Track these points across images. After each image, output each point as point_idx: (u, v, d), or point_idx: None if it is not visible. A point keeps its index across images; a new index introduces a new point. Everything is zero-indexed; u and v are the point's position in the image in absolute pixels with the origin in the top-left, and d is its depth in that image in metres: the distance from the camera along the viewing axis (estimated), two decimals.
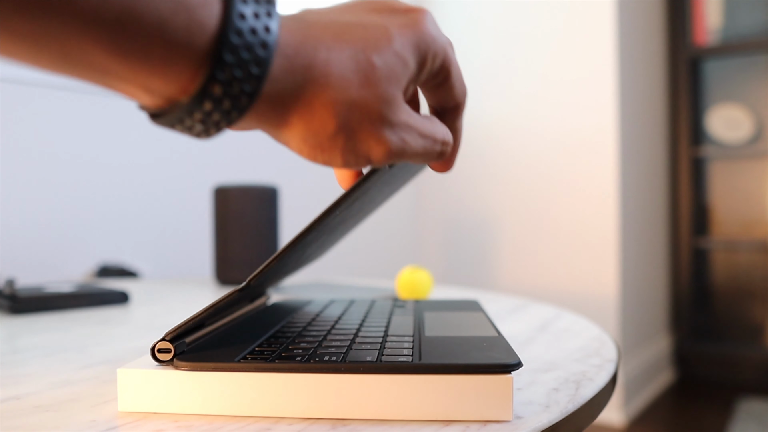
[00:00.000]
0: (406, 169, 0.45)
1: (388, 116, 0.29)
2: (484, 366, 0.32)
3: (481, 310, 0.50)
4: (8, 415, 0.34)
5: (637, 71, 2.29)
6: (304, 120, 0.28)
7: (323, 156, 0.29)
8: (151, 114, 0.27)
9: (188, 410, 0.34)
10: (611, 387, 0.44)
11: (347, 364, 0.33)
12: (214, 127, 0.26)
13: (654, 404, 2.25)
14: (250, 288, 0.36)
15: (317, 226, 0.35)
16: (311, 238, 0.38)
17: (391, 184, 0.46)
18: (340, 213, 0.37)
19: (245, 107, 0.26)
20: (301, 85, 0.27)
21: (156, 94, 0.25)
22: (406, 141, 0.30)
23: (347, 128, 0.28)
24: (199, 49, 0.24)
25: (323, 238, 0.43)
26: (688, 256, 2.58)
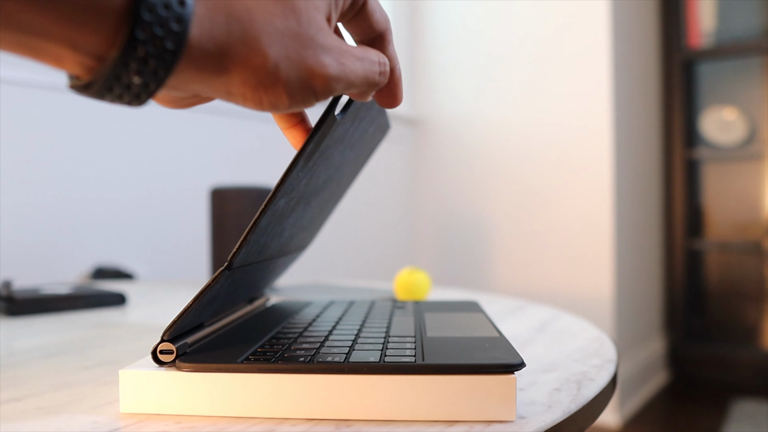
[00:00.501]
0: (365, 127, 0.45)
1: (319, 40, 0.29)
2: (488, 366, 0.32)
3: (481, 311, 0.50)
4: (10, 418, 0.34)
5: (631, 74, 2.30)
6: (239, 60, 0.27)
7: (268, 96, 0.29)
8: (80, 86, 0.26)
9: (191, 411, 0.34)
10: (612, 387, 0.44)
11: (351, 365, 0.33)
12: (144, 90, 0.26)
13: (648, 405, 2.26)
14: (233, 270, 0.36)
15: (283, 188, 0.35)
16: (283, 207, 0.37)
17: (355, 146, 0.46)
18: (304, 175, 0.37)
19: (171, 64, 0.25)
20: (227, 27, 0.27)
21: (83, 50, 0.24)
22: (344, 64, 0.30)
23: (283, 58, 0.28)
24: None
25: (300, 211, 0.42)
26: (682, 257, 2.59)
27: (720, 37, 2.56)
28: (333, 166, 0.43)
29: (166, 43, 0.24)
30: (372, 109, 0.44)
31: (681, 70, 2.58)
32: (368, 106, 0.42)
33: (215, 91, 0.28)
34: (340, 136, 0.40)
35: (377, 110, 0.46)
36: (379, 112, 0.47)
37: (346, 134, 0.41)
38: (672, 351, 2.61)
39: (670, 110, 2.63)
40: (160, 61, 0.25)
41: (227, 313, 0.47)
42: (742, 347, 2.52)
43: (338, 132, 0.39)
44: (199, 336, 0.39)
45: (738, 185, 2.62)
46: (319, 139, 0.36)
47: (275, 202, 0.35)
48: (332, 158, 0.42)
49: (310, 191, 0.41)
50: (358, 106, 0.40)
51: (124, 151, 1.54)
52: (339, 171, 0.46)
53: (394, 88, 0.36)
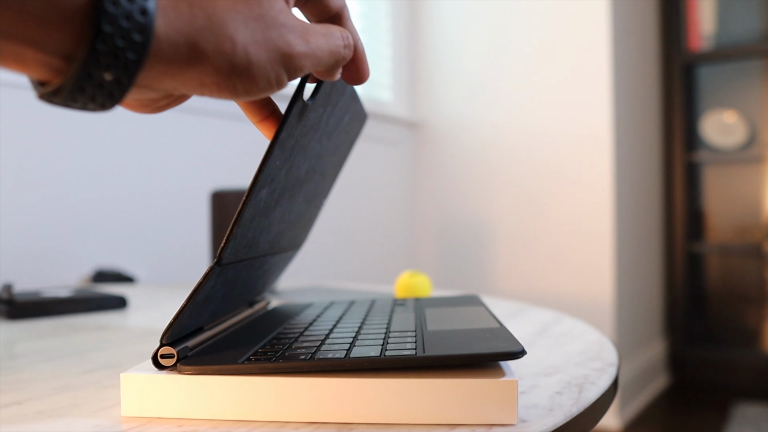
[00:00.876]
0: (340, 115, 0.44)
1: (281, 20, 0.30)
2: (489, 355, 0.32)
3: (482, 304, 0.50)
4: (11, 421, 0.34)
5: (632, 77, 2.31)
6: (208, 47, 0.27)
7: (241, 81, 0.29)
8: (50, 92, 0.25)
9: (192, 415, 0.34)
10: (613, 390, 0.44)
11: (351, 360, 0.33)
12: (117, 88, 0.25)
13: (649, 409, 2.25)
14: (224, 266, 0.36)
15: (262, 177, 0.35)
16: (266, 198, 0.37)
17: (332, 135, 0.45)
18: (282, 164, 0.37)
19: (141, 56, 0.25)
20: (192, 17, 0.26)
21: (48, 49, 0.24)
22: (309, 41, 0.31)
23: (250, 42, 0.28)
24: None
25: (285, 204, 0.42)
26: (682, 260, 2.59)
27: (720, 40, 2.56)
28: (312, 155, 0.43)
29: (134, 35, 0.24)
30: (343, 96, 0.44)
31: (681, 73, 2.58)
32: (339, 91, 0.42)
33: (188, 83, 0.28)
34: (314, 124, 0.40)
35: (349, 97, 0.46)
36: (353, 99, 0.47)
37: (321, 121, 0.41)
38: (672, 354, 2.61)
39: (670, 113, 2.64)
40: (130, 54, 0.24)
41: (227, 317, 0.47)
42: (742, 350, 2.52)
43: (311, 119, 0.39)
44: (199, 340, 0.39)
45: (738, 188, 2.62)
46: (291, 125, 0.36)
47: (256, 192, 0.35)
48: (310, 147, 0.41)
49: (293, 183, 0.41)
50: (327, 91, 0.40)
51: (125, 154, 1.54)
52: (320, 162, 0.46)
53: (359, 63, 0.36)
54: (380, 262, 2.35)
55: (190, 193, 1.68)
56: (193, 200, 1.68)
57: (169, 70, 0.27)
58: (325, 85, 0.39)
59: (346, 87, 0.43)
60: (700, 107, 2.68)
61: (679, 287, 2.60)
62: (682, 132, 2.58)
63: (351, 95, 0.46)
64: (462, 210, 2.42)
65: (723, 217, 2.65)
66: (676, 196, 2.60)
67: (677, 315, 2.60)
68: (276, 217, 0.42)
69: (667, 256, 2.72)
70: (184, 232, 1.66)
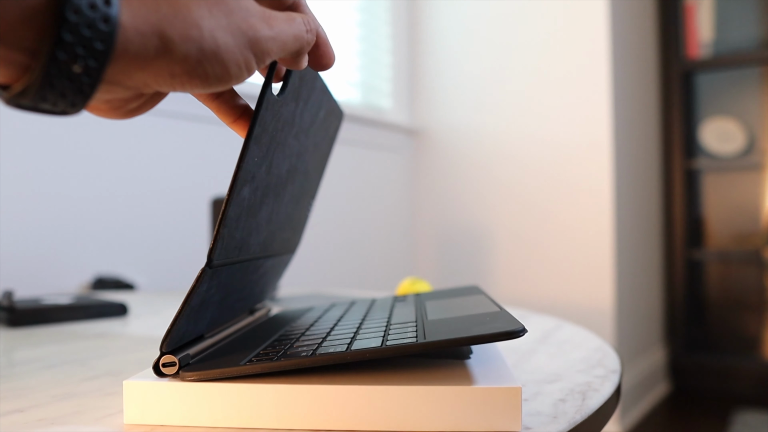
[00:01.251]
0: (314, 111, 0.45)
1: (244, 5, 0.30)
2: (489, 336, 0.32)
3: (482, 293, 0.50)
4: (13, 428, 0.34)
5: (631, 85, 2.31)
6: (176, 35, 0.27)
7: (212, 67, 0.29)
8: (17, 93, 0.25)
9: (195, 423, 0.34)
10: (616, 398, 0.44)
11: (353, 352, 0.33)
12: (88, 81, 0.25)
13: (649, 416, 2.25)
14: (214, 267, 0.36)
15: (241, 175, 0.35)
16: (250, 197, 0.37)
17: (309, 132, 0.46)
18: (261, 161, 0.37)
19: (110, 45, 0.25)
20: (156, 6, 0.26)
21: (12, 44, 0.23)
22: (274, 26, 0.31)
23: (216, 27, 0.28)
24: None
25: (271, 204, 0.42)
26: (682, 267, 2.59)
27: (718, 47, 2.57)
28: (292, 153, 0.43)
29: (100, 24, 0.24)
30: (314, 90, 0.44)
31: (680, 80, 2.59)
32: (308, 85, 0.42)
33: (158, 75, 0.27)
34: (287, 119, 0.40)
35: (321, 91, 0.46)
36: (325, 95, 0.47)
37: (294, 117, 0.41)
38: (672, 361, 2.61)
39: (669, 121, 2.64)
40: (97, 44, 0.24)
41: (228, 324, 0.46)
42: (742, 357, 2.52)
43: (284, 114, 0.39)
44: (200, 347, 0.39)
45: (738, 195, 2.62)
46: (264, 120, 0.36)
47: (237, 190, 0.35)
48: (287, 144, 0.41)
49: (275, 181, 0.41)
50: (296, 85, 0.40)
51: (126, 161, 1.54)
52: (301, 160, 0.46)
53: (324, 47, 0.37)
54: (380, 269, 2.34)
55: (190, 200, 1.68)
56: (193, 207, 1.68)
57: (138, 62, 0.26)
58: (293, 79, 0.39)
59: (315, 81, 0.43)
60: (699, 114, 2.69)
61: (678, 294, 2.60)
62: (681, 139, 2.59)
63: (322, 90, 0.46)
64: (462, 217, 2.42)
65: (722, 224, 2.65)
66: (676, 203, 2.60)
67: (677, 322, 2.60)
68: (264, 218, 0.42)
69: (666, 263, 2.72)
70: (185, 239, 1.66)
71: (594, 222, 2.11)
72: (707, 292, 2.68)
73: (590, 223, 2.12)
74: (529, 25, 2.26)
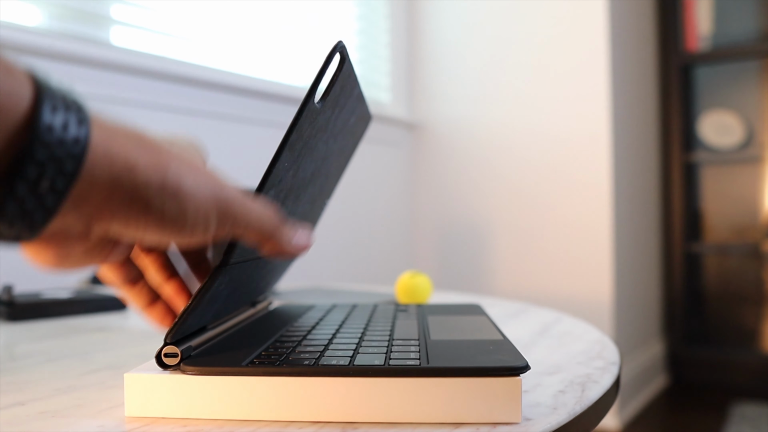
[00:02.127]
0: (346, 117, 0.45)
1: (216, 174, 0.31)
2: (493, 369, 0.32)
3: (484, 314, 0.50)
4: (15, 422, 0.34)
5: (629, 78, 2.31)
6: (145, 159, 0.27)
7: (170, 204, 0.28)
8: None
9: (196, 415, 0.34)
10: (615, 389, 0.44)
11: (355, 368, 0.33)
12: (51, 193, 0.24)
13: (648, 409, 2.25)
14: (230, 266, 0.36)
15: (270, 180, 0.34)
16: (272, 199, 0.37)
17: (338, 136, 0.46)
18: (290, 165, 0.37)
19: (80, 156, 0.24)
20: (126, 141, 0.27)
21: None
22: (245, 200, 0.32)
23: (184, 170, 0.29)
24: (10, 125, 0.23)
25: (290, 205, 0.42)
26: (680, 260, 2.59)
27: (717, 40, 2.57)
28: (319, 157, 0.43)
29: (71, 147, 0.24)
30: (351, 97, 0.44)
31: (679, 73, 2.59)
32: (347, 93, 0.42)
33: (128, 186, 0.26)
34: (322, 125, 0.40)
35: (356, 98, 0.46)
36: (359, 101, 0.47)
37: (329, 123, 0.41)
38: (671, 354, 2.61)
39: (668, 114, 2.64)
40: (69, 162, 0.24)
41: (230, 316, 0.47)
42: (741, 350, 2.52)
43: (320, 121, 0.39)
44: (202, 339, 0.39)
45: (736, 188, 2.62)
46: (301, 128, 0.36)
47: (264, 194, 0.35)
48: (317, 149, 0.41)
49: (299, 184, 0.41)
50: (337, 94, 0.40)
51: None
52: (325, 163, 0.46)
53: (296, 245, 0.36)
54: (379, 263, 2.35)
55: None
56: None
57: (100, 185, 0.26)
58: (335, 87, 0.39)
59: (354, 88, 0.44)
60: (697, 108, 2.69)
61: (677, 287, 2.60)
62: (680, 132, 2.59)
63: (358, 97, 0.46)
64: (461, 211, 2.42)
65: (721, 218, 2.66)
66: (674, 197, 2.60)
67: (676, 315, 2.61)
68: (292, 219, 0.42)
69: (665, 256, 2.72)
70: None
71: (593, 215, 2.11)
72: (706, 285, 2.69)
73: (589, 217, 2.12)
74: (528, 20, 2.26)
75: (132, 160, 0.26)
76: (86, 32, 1.39)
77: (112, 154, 0.26)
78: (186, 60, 1.62)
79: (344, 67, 0.39)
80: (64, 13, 1.35)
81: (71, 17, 1.36)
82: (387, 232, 2.39)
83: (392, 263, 2.42)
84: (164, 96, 1.58)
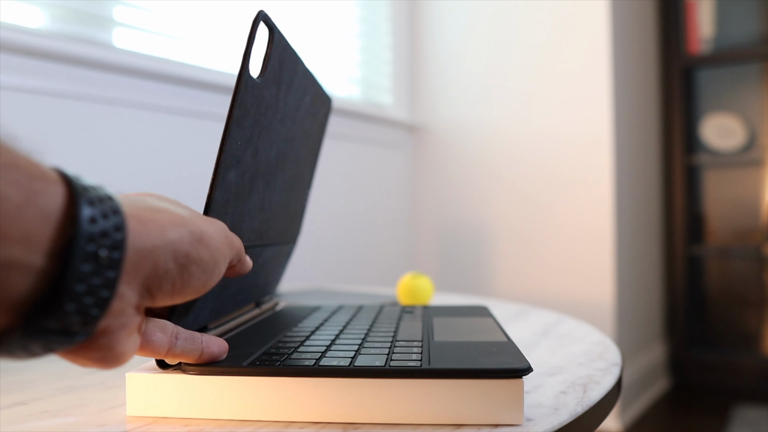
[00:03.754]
0: (299, 96, 0.44)
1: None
2: (494, 371, 0.32)
3: (490, 316, 0.50)
4: (17, 421, 0.34)
5: (631, 81, 2.31)
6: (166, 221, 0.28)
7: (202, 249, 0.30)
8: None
9: (198, 414, 0.34)
10: (617, 390, 0.44)
11: (355, 369, 0.33)
12: (92, 310, 0.24)
13: (650, 411, 2.25)
14: None
15: (224, 158, 0.35)
16: (237, 182, 0.37)
17: (297, 118, 0.45)
18: (245, 144, 0.37)
19: (116, 277, 0.24)
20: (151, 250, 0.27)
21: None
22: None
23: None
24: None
25: (262, 190, 0.42)
26: (682, 263, 2.59)
27: (719, 43, 2.57)
28: (279, 138, 0.43)
29: (114, 234, 0.24)
30: (296, 74, 0.43)
31: (680, 76, 2.59)
32: (289, 69, 0.42)
33: (166, 247, 0.28)
34: (270, 103, 0.39)
35: (304, 76, 0.45)
36: (309, 80, 0.47)
37: (278, 101, 0.41)
38: (673, 357, 2.61)
39: (669, 116, 2.64)
40: (115, 252, 0.24)
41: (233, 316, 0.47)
42: (743, 353, 2.52)
43: (266, 97, 0.38)
44: None
45: (738, 191, 2.62)
46: (243, 103, 0.35)
47: (222, 174, 0.35)
48: (273, 128, 0.41)
49: (264, 167, 0.41)
50: (276, 68, 0.39)
51: (127, 155, 1.54)
52: (291, 146, 0.46)
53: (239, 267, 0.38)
54: (381, 264, 2.35)
55: (192, 194, 1.68)
56: (195, 200, 1.68)
57: (143, 253, 0.27)
58: (272, 62, 0.38)
59: (297, 65, 0.43)
60: (699, 110, 2.69)
61: (679, 290, 2.60)
62: (682, 135, 2.59)
63: (305, 75, 0.46)
64: (462, 213, 2.42)
65: (723, 220, 2.65)
66: (676, 199, 2.60)
67: (677, 318, 2.60)
68: (255, 204, 0.42)
69: (667, 259, 2.72)
70: None
71: (594, 218, 2.11)
72: (707, 287, 2.69)
73: (590, 219, 2.12)
74: (530, 22, 2.26)
75: (159, 223, 0.28)
76: (89, 34, 1.39)
77: (145, 224, 0.27)
78: (189, 62, 1.63)
79: (275, 38, 0.38)
80: (67, 15, 1.36)
81: (74, 19, 1.37)
82: (388, 234, 2.39)
83: (393, 265, 2.41)
84: (167, 98, 1.58)
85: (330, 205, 2.12)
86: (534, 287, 2.24)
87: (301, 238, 2.01)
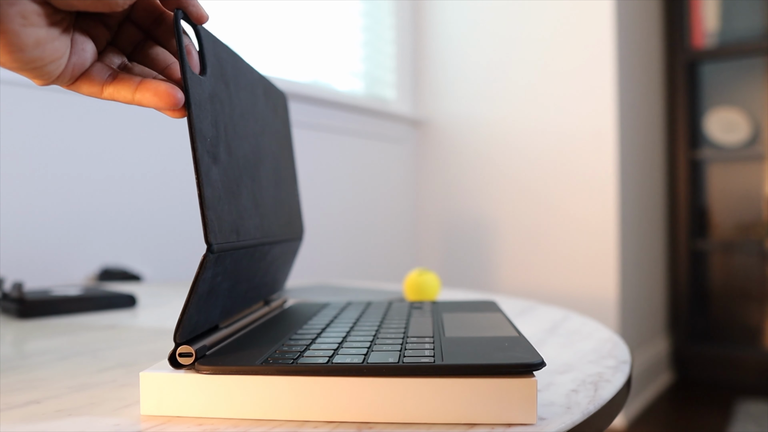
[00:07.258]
0: (251, 89, 0.45)
1: None
2: (508, 366, 0.32)
3: (500, 311, 0.50)
4: (31, 420, 0.34)
5: (635, 75, 2.30)
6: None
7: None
8: None
9: (212, 413, 0.34)
10: (627, 388, 0.44)
11: (369, 366, 0.33)
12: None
13: (653, 406, 2.25)
14: (216, 252, 0.36)
15: (199, 155, 0.35)
16: (222, 177, 0.37)
17: (257, 114, 0.46)
18: (212, 139, 0.37)
19: None
20: None
21: None
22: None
23: None
24: None
25: (249, 184, 0.42)
26: (686, 258, 2.59)
27: (724, 37, 2.56)
28: (248, 134, 0.44)
29: None
30: (239, 69, 0.44)
31: (685, 70, 2.58)
32: (229, 64, 0.42)
33: None
34: (224, 99, 0.40)
35: (248, 71, 0.46)
36: (253, 74, 0.47)
37: (231, 98, 0.41)
38: (676, 352, 2.61)
39: (673, 111, 2.63)
40: None
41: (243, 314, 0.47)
42: (746, 348, 2.52)
43: (217, 93, 0.39)
44: (216, 338, 0.39)
45: (742, 185, 2.61)
46: (197, 99, 0.36)
47: (203, 172, 0.35)
48: (238, 125, 0.42)
49: (243, 163, 0.42)
50: (213, 62, 0.39)
51: (130, 152, 1.54)
52: (262, 143, 0.47)
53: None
54: (385, 260, 2.35)
55: (195, 191, 1.68)
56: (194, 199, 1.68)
57: None
58: (207, 56, 0.39)
59: (235, 60, 0.44)
60: (703, 105, 2.68)
61: (682, 285, 2.60)
62: (686, 129, 2.58)
63: (249, 70, 0.46)
64: (466, 208, 2.42)
65: (726, 215, 2.65)
66: (680, 194, 2.59)
67: (681, 312, 2.60)
68: (248, 201, 0.42)
69: (670, 253, 2.72)
70: (190, 229, 1.66)
71: (598, 212, 2.11)
72: (711, 282, 2.68)
73: (594, 214, 2.12)
74: (534, 16, 2.25)
75: None
76: None
77: None
78: None
79: (202, 34, 0.38)
80: None
81: None
82: (391, 229, 2.39)
83: (397, 260, 2.42)
84: None
85: (334, 200, 2.12)
86: (538, 282, 2.24)
87: (305, 233, 2.01)
